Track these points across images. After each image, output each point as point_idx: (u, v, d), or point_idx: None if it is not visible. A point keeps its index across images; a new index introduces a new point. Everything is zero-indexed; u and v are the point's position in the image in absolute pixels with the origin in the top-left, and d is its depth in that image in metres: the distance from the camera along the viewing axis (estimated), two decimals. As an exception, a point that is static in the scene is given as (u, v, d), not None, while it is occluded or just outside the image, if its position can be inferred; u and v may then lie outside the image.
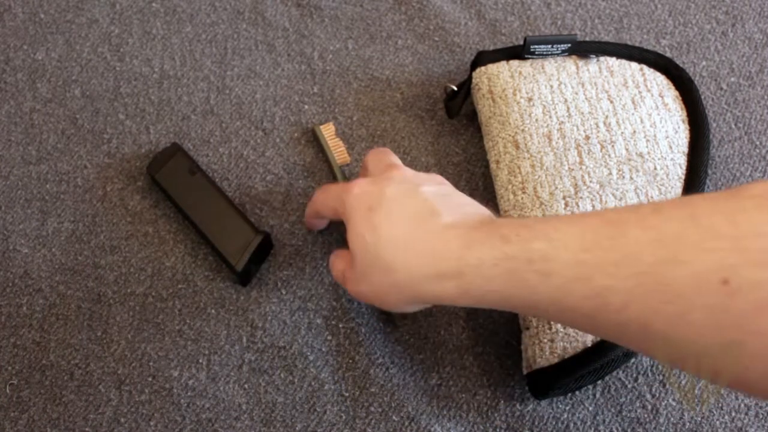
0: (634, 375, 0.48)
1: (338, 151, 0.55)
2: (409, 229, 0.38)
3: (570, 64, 0.54)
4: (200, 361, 0.49)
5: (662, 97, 0.54)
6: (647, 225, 0.30)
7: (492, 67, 0.55)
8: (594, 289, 0.31)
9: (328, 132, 0.56)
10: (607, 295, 0.31)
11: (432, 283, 0.37)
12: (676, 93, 0.54)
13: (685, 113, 0.53)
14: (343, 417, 0.48)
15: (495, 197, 0.53)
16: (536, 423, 0.47)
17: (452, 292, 0.36)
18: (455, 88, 0.57)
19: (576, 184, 0.49)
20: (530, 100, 0.52)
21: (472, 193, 0.55)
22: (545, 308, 0.34)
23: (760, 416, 0.47)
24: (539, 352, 0.46)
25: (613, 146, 0.51)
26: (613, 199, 0.49)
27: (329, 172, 0.56)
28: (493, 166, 0.53)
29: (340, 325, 0.50)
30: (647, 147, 0.51)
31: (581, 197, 0.49)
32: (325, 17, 0.63)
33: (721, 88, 0.59)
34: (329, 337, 0.50)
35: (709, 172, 0.55)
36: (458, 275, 0.36)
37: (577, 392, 0.48)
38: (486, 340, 0.50)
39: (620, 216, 0.32)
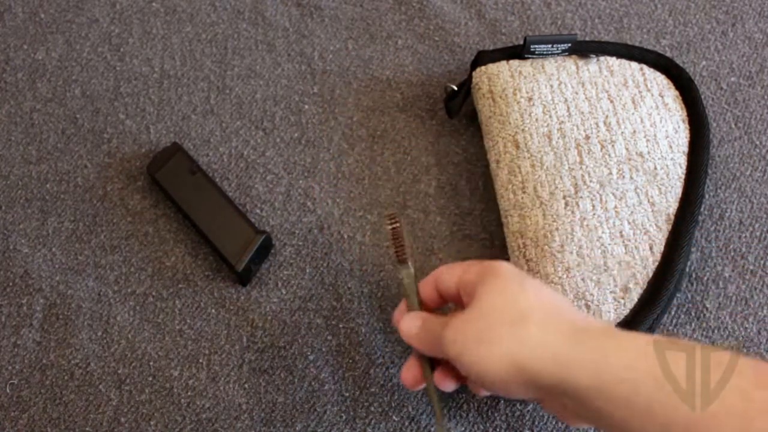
0: (634, 375, 0.48)
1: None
2: (557, 299, 0.38)
3: (570, 63, 0.54)
4: (200, 360, 0.49)
5: (662, 96, 0.54)
6: None
7: (492, 67, 0.55)
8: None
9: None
10: None
11: (565, 344, 0.34)
12: (676, 93, 0.54)
13: (685, 113, 0.53)
14: (343, 417, 0.48)
15: (495, 197, 0.53)
16: (536, 423, 0.47)
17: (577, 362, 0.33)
18: (455, 88, 0.57)
19: (576, 184, 0.49)
20: (530, 99, 0.52)
21: (472, 193, 0.55)
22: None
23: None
24: (539, 352, 0.46)
25: (613, 146, 0.51)
26: (613, 198, 0.49)
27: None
28: (493, 165, 0.53)
29: (341, 325, 0.50)
30: (647, 146, 0.51)
31: (581, 197, 0.49)
32: (325, 17, 0.63)
33: (721, 88, 0.59)
34: (329, 337, 0.50)
35: (709, 171, 0.55)
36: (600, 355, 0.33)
37: (577, 392, 0.48)
38: (486, 340, 0.50)
39: None
